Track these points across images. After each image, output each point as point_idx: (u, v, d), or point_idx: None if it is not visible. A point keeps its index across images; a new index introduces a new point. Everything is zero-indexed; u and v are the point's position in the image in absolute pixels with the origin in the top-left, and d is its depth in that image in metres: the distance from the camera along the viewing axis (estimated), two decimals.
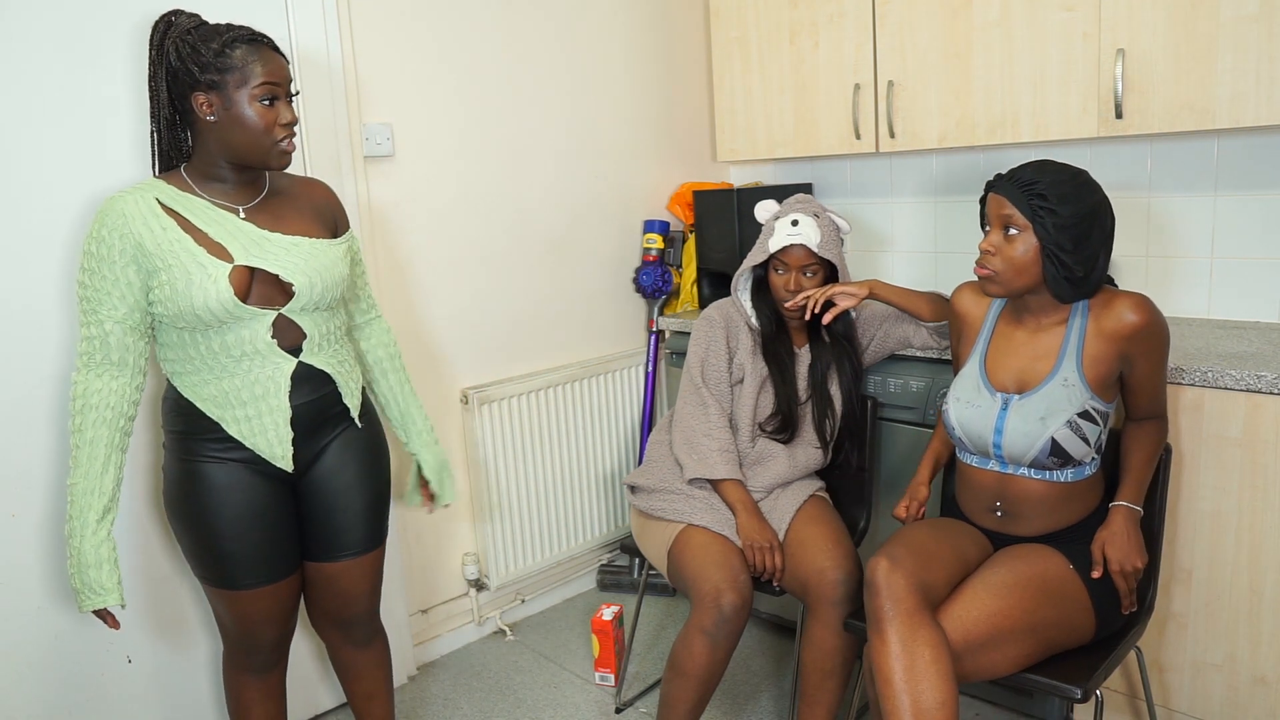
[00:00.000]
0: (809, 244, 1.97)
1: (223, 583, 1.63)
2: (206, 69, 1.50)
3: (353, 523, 1.74)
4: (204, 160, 1.57)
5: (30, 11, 1.78)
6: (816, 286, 2.01)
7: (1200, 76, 1.94)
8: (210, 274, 1.50)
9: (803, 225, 1.98)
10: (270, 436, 1.60)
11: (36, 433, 1.85)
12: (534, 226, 2.74)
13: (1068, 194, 1.57)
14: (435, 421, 2.56)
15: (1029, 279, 1.62)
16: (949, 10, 2.32)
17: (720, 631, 1.81)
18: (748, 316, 2.12)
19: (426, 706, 2.40)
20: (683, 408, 2.08)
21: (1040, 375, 1.66)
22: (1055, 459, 1.63)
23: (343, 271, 1.66)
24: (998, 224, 1.62)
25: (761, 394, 2.07)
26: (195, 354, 1.55)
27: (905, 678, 1.46)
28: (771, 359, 2.08)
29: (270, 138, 1.54)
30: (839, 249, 2.03)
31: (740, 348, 2.10)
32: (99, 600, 1.52)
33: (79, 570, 1.51)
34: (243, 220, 1.58)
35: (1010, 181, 1.61)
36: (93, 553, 1.51)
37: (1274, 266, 2.18)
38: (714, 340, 2.09)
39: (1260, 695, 1.84)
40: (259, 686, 1.77)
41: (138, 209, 1.50)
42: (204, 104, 1.51)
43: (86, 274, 1.50)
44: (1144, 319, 1.60)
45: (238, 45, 1.51)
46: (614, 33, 2.87)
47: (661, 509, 2.03)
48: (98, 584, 1.51)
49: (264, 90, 1.52)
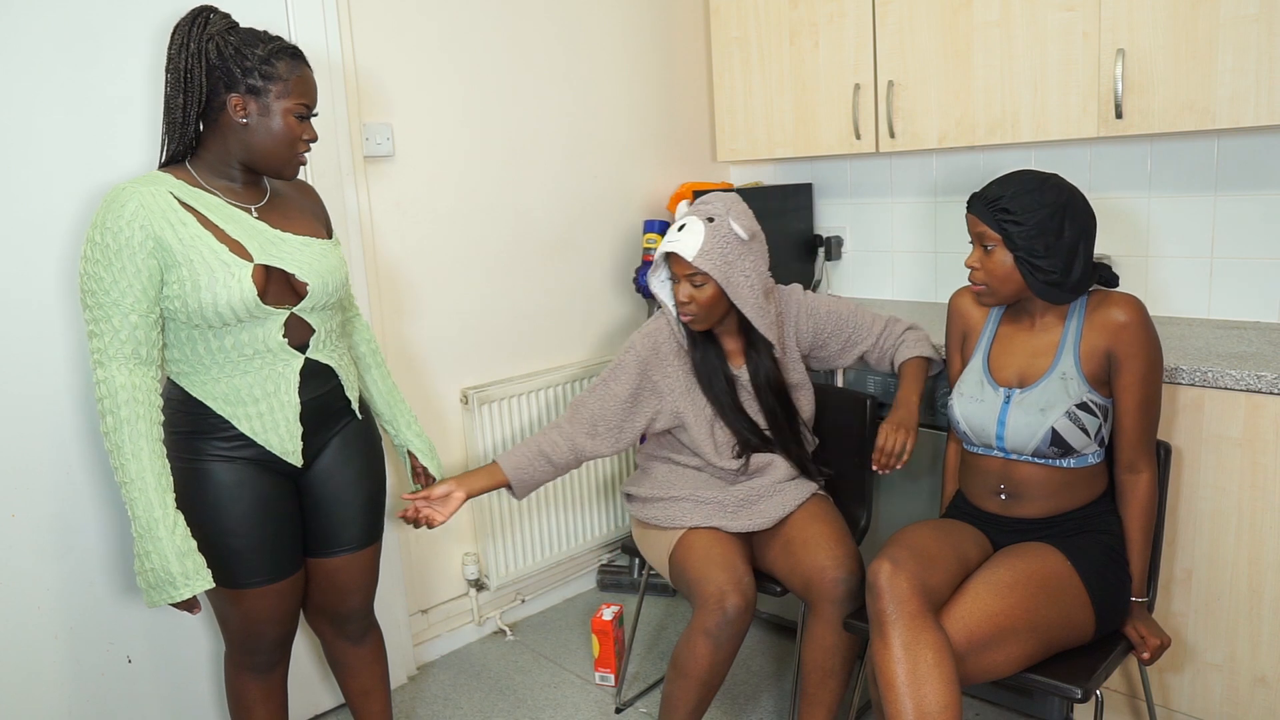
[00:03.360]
0: (684, 253, 1.86)
1: (229, 581, 1.62)
2: (250, 73, 1.51)
3: (352, 518, 1.75)
4: (216, 158, 1.57)
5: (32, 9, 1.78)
6: (707, 297, 1.89)
7: (1200, 76, 1.94)
8: (234, 273, 1.50)
9: (686, 232, 1.88)
10: (281, 432, 1.61)
11: (37, 433, 1.85)
12: (534, 226, 2.74)
13: (1030, 203, 1.62)
14: (435, 421, 2.56)
15: (1014, 287, 1.68)
16: (949, 10, 2.32)
17: (724, 633, 1.81)
18: (678, 332, 2.02)
19: (426, 706, 2.40)
20: (575, 402, 2.02)
21: (1040, 370, 1.70)
22: (1056, 448, 1.66)
23: (346, 272, 1.69)
24: (976, 241, 1.70)
25: (715, 430, 2.02)
26: (205, 352, 1.55)
27: (908, 681, 1.46)
28: (710, 394, 1.99)
29: (293, 150, 1.58)
30: (725, 258, 1.86)
31: (671, 388, 2.01)
32: (190, 587, 1.49)
33: (162, 565, 1.47)
34: (256, 219, 1.59)
35: (979, 199, 1.68)
36: (176, 544, 1.48)
37: (1274, 266, 2.18)
38: (622, 372, 1.99)
39: (1260, 695, 1.84)
40: (261, 686, 1.77)
41: (156, 202, 1.49)
42: (238, 105, 1.52)
43: (99, 265, 1.46)
44: (1130, 318, 1.63)
45: (283, 57, 1.54)
46: (614, 32, 2.87)
47: (659, 516, 2.02)
48: (186, 573, 1.49)
49: (301, 108, 1.56)
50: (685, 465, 2.08)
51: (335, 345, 1.70)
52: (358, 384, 1.78)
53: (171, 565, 1.47)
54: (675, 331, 2.03)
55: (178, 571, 1.48)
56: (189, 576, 1.49)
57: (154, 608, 1.61)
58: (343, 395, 1.72)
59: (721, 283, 1.87)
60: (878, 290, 2.97)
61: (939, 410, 2.20)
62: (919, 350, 2.07)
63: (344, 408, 1.74)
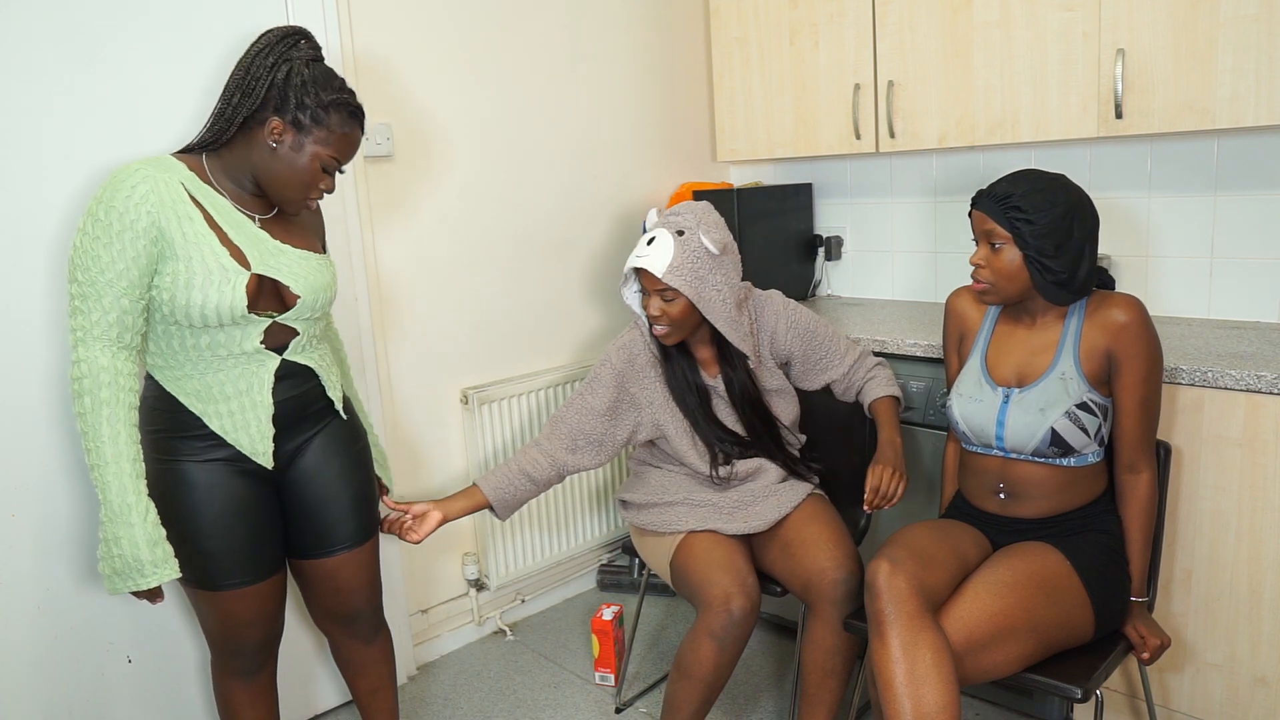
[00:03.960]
0: (653, 269, 1.82)
1: (205, 584, 1.61)
2: (302, 108, 1.52)
3: (343, 516, 1.74)
4: (236, 163, 1.57)
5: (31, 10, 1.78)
6: (678, 311, 1.87)
7: (1200, 76, 1.94)
8: (230, 279, 1.50)
9: (656, 246, 1.84)
10: (252, 432, 1.60)
11: (36, 433, 1.85)
12: (534, 226, 2.74)
13: (1042, 202, 1.62)
14: (435, 421, 2.57)
15: (1020, 286, 1.68)
16: (949, 10, 2.32)
17: (729, 636, 1.81)
18: (650, 344, 2.01)
19: (426, 706, 2.40)
20: (554, 417, 2.02)
21: (1039, 369, 1.69)
22: (1055, 448, 1.66)
23: (336, 289, 1.70)
24: (983, 239, 1.69)
25: (695, 442, 2.01)
26: (180, 348, 1.54)
27: (907, 681, 1.46)
28: (684, 408, 1.99)
29: (305, 193, 1.58)
30: (696, 274, 1.83)
31: (650, 400, 2.01)
32: (158, 576, 1.48)
33: (132, 552, 1.46)
34: (259, 228, 1.59)
35: (988, 197, 1.67)
36: (148, 531, 1.47)
37: (1274, 266, 2.18)
38: (599, 384, 1.99)
39: (1260, 695, 1.84)
40: (246, 690, 1.75)
41: (168, 190, 1.48)
42: (277, 129, 1.52)
43: (99, 243, 1.43)
44: (1131, 318, 1.63)
45: (340, 110, 1.55)
46: (614, 32, 2.87)
47: (655, 522, 2.01)
48: (155, 561, 1.48)
49: (330, 162, 1.57)
50: (676, 471, 2.08)
51: (316, 347, 1.70)
52: (340, 384, 1.77)
53: (142, 552, 1.47)
54: (649, 343, 2.02)
55: (147, 559, 1.47)
56: (157, 565, 1.48)
57: (115, 594, 1.58)
58: (323, 395, 1.71)
59: (693, 298, 1.85)
60: (878, 290, 2.97)
61: (938, 410, 2.20)
62: (889, 390, 2.06)
63: (325, 407, 1.73)
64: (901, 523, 2.30)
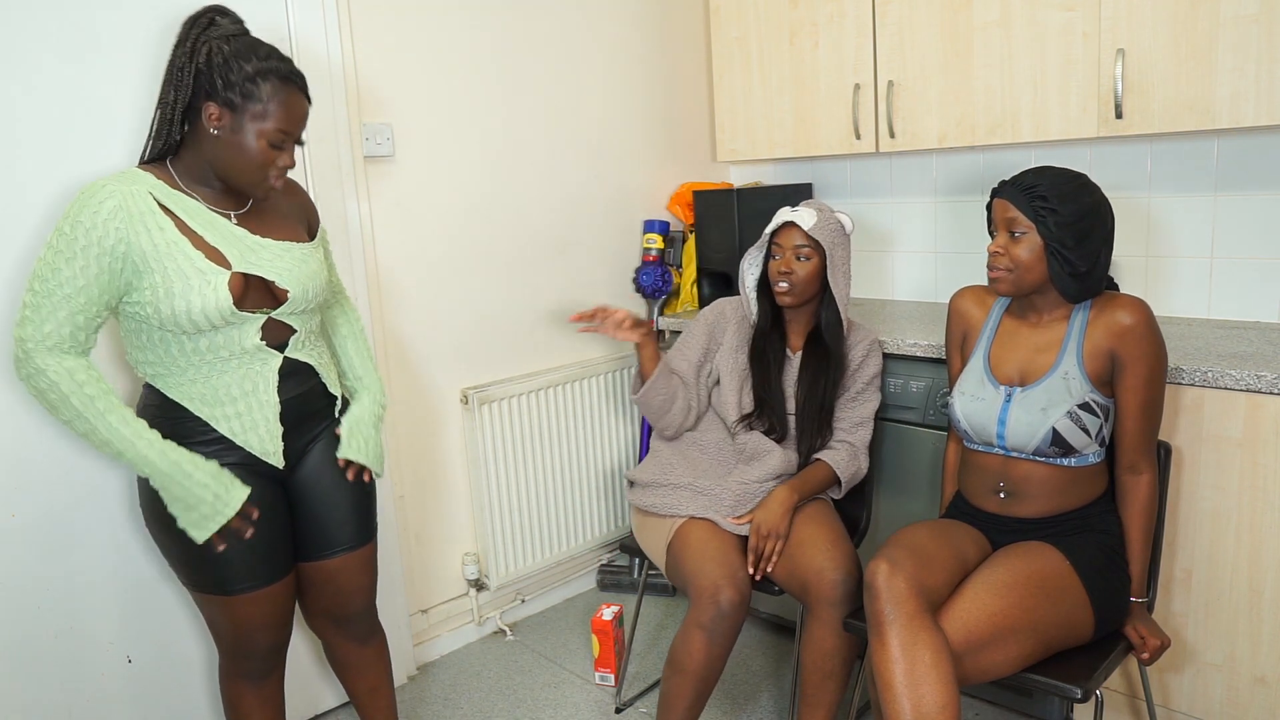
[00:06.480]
0: (802, 223, 2.00)
1: (218, 588, 1.60)
2: (230, 87, 1.47)
3: (344, 518, 1.74)
4: (195, 162, 1.55)
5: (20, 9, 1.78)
6: (808, 270, 2.02)
7: (1200, 76, 1.94)
8: (210, 281, 1.48)
9: (801, 211, 2.03)
10: (261, 433, 1.60)
11: (37, 432, 1.85)
12: (534, 226, 2.74)
13: (1068, 194, 1.63)
14: (435, 421, 2.56)
15: (1036, 276, 1.68)
16: (949, 10, 2.32)
17: (718, 628, 1.82)
18: (750, 309, 2.14)
19: (426, 706, 2.40)
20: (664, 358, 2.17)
21: (1042, 368, 1.70)
22: (1056, 448, 1.66)
23: (325, 276, 1.68)
24: (1003, 227, 1.69)
25: (743, 393, 2.09)
26: (179, 353, 1.53)
27: (906, 682, 1.46)
28: (755, 357, 2.11)
29: (262, 174, 1.54)
30: (834, 239, 2.03)
31: (724, 345, 2.14)
32: (236, 497, 1.54)
33: (202, 492, 1.50)
34: (235, 226, 1.57)
35: (1013, 186, 1.68)
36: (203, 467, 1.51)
37: (1274, 266, 2.18)
38: (693, 334, 2.18)
39: (1260, 695, 1.84)
40: (256, 693, 1.75)
41: (135, 204, 1.46)
42: (214, 115, 1.49)
43: (61, 257, 1.42)
44: (1136, 320, 1.63)
45: (269, 78, 1.49)
46: (614, 32, 2.87)
47: (657, 504, 2.04)
48: (227, 486, 1.53)
49: (276, 136, 1.51)
50: (691, 449, 2.12)
51: (315, 344, 1.70)
52: (339, 382, 1.77)
53: (213, 486, 1.52)
54: (748, 308, 2.16)
55: (220, 489, 1.52)
56: (230, 488, 1.54)
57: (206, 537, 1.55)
58: (324, 393, 1.71)
59: (829, 253, 2.01)
60: (878, 290, 2.97)
61: (938, 410, 2.20)
62: (837, 463, 2.04)
63: (326, 407, 1.73)
64: (901, 523, 2.30)
